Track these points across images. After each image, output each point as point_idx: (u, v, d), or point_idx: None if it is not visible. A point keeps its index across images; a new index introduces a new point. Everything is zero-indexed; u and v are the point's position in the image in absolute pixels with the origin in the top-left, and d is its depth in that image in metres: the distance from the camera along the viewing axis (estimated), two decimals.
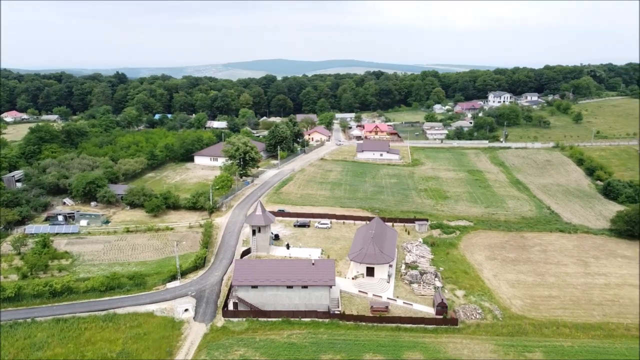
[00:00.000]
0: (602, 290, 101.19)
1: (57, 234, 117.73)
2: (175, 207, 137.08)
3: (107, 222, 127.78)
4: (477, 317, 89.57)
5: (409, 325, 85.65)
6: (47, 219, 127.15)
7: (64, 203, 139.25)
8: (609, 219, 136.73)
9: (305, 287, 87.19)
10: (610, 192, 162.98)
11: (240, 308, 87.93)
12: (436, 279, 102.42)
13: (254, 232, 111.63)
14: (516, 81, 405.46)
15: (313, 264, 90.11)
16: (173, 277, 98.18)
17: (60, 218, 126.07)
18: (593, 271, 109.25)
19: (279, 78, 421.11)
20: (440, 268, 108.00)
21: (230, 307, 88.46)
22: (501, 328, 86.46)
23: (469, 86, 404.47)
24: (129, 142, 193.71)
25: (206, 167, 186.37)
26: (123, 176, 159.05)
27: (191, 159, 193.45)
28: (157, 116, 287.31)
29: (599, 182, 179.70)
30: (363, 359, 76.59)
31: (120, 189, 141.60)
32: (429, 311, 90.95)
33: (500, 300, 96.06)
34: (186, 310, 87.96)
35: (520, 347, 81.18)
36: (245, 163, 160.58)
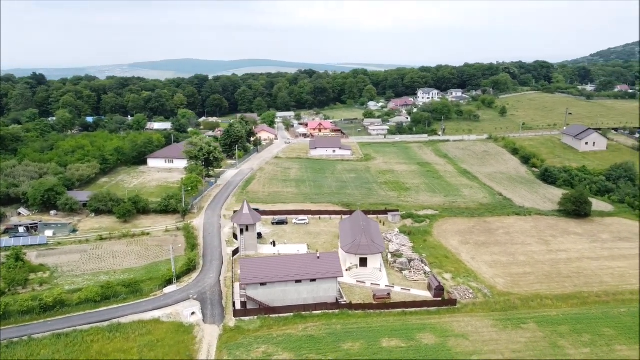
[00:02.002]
0: (567, 264, 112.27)
1: (23, 246, 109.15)
2: (145, 211, 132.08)
3: (74, 230, 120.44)
4: (470, 296, 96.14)
5: (413, 309, 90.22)
6: (6, 231, 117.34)
7: (19, 213, 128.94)
8: (554, 201, 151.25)
9: (313, 280, 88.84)
10: (548, 177, 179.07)
11: (249, 306, 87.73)
12: (423, 264, 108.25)
13: (241, 232, 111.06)
14: (441, 78, 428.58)
15: (318, 257, 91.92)
16: (168, 282, 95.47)
17: (21, 229, 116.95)
18: (554, 248, 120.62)
19: (189, 77, 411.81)
20: (423, 255, 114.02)
21: (238, 306, 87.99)
22: (494, 305, 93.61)
23: (398, 83, 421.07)
24: (72, 146, 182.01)
25: (162, 169, 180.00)
26: (78, 182, 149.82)
27: (143, 162, 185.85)
28: (90, 119, 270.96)
29: (534, 169, 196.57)
30: (381, 344, 79.91)
31: (82, 196, 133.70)
32: (426, 295, 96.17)
33: (485, 279, 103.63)
34: (193, 313, 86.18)
35: (515, 320, 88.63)
36: (209, 163, 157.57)
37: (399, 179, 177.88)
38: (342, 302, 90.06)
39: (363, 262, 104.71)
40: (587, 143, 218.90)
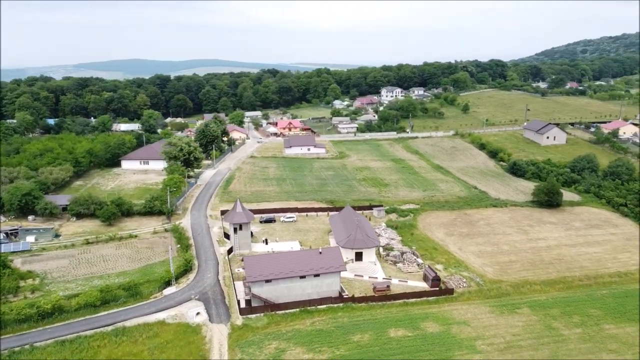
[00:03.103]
0: (547, 252, 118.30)
1: (4, 253, 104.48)
2: (129, 213, 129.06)
3: (57, 235, 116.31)
4: (464, 285, 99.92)
5: (413, 300, 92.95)
6: None
7: None
8: (526, 192, 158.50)
9: (317, 275, 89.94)
10: (517, 170, 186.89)
11: (254, 304, 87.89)
12: (415, 257, 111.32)
13: (235, 230, 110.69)
14: (402, 77, 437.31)
15: (320, 252, 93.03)
16: (167, 284, 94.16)
17: (1, 236, 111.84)
18: (533, 237, 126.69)
19: (149, 77, 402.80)
20: (413, 247, 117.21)
21: (243, 304, 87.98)
22: (488, 292, 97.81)
23: (361, 82, 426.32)
24: (39, 149, 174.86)
25: (138, 171, 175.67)
26: (53, 186, 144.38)
27: (117, 164, 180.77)
28: (51, 121, 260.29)
29: (502, 163, 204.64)
30: (389, 334, 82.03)
31: (61, 200, 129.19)
32: (423, 286, 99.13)
33: (475, 269, 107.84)
34: (198, 313, 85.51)
35: (509, 306, 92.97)
36: (188, 164, 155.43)
37: (376, 175, 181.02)
38: (345, 296, 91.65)
39: (358, 257, 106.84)
40: (548, 137, 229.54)
